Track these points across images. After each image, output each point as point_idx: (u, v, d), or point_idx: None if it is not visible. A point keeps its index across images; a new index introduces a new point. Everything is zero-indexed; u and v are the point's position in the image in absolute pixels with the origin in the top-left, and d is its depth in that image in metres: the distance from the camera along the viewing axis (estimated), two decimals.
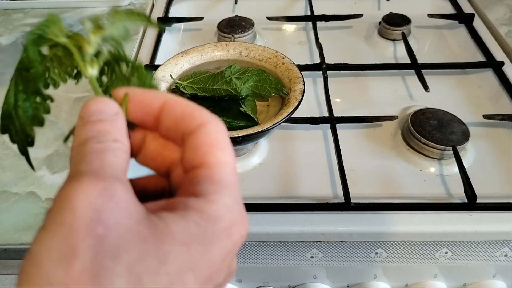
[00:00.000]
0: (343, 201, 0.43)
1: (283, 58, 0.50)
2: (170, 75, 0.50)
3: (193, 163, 0.20)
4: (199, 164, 0.19)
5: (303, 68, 0.54)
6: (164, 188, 0.22)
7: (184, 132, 0.20)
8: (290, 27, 0.73)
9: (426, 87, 0.55)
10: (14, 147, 0.22)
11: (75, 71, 0.22)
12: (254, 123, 0.46)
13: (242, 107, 0.46)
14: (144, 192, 0.22)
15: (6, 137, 0.22)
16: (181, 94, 0.48)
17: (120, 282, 0.15)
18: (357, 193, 0.44)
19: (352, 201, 0.43)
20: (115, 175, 0.18)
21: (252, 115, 0.46)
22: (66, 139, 0.23)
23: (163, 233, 0.17)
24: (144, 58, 0.63)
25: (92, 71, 0.21)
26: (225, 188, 0.19)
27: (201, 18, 0.71)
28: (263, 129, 0.42)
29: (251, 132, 0.42)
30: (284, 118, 0.43)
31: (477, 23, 0.69)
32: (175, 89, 0.49)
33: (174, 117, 0.20)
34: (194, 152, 0.20)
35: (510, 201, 0.43)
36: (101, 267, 0.15)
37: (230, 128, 0.45)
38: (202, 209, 0.18)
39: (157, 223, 0.17)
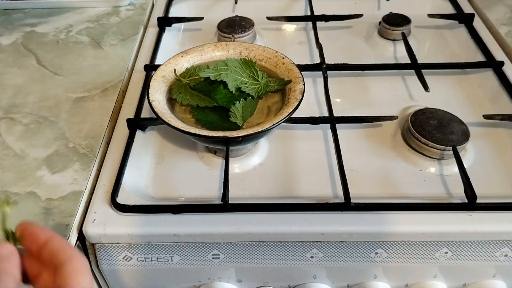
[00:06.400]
0: (343, 201, 0.43)
1: (283, 58, 0.50)
2: (174, 70, 0.50)
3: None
4: None
5: (303, 68, 0.54)
6: None
7: (56, 262, 0.29)
8: (290, 27, 0.73)
9: (426, 87, 0.55)
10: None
11: None
12: (238, 127, 0.45)
13: (231, 111, 0.45)
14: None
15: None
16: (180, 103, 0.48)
17: None
18: (357, 193, 0.44)
19: (352, 201, 0.43)
20: None
21: (235, 120, 0.45)
22: None
23: None
24: (144, 58, 0.63)
25: None
26: None
27: (201, 18, 0.71)
28: (263, 129, 0.42)
29: (251, 132, 0.42)
30: (284, 118, 0.43)
31: (477, 23, 0.69)
32: (173, 99, 0.48)
33: (50, 250, 0.30)
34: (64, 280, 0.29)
35: (510, 201, 0.43)
36: None
37: (220, 128, 0.45)
38: None
39: None
